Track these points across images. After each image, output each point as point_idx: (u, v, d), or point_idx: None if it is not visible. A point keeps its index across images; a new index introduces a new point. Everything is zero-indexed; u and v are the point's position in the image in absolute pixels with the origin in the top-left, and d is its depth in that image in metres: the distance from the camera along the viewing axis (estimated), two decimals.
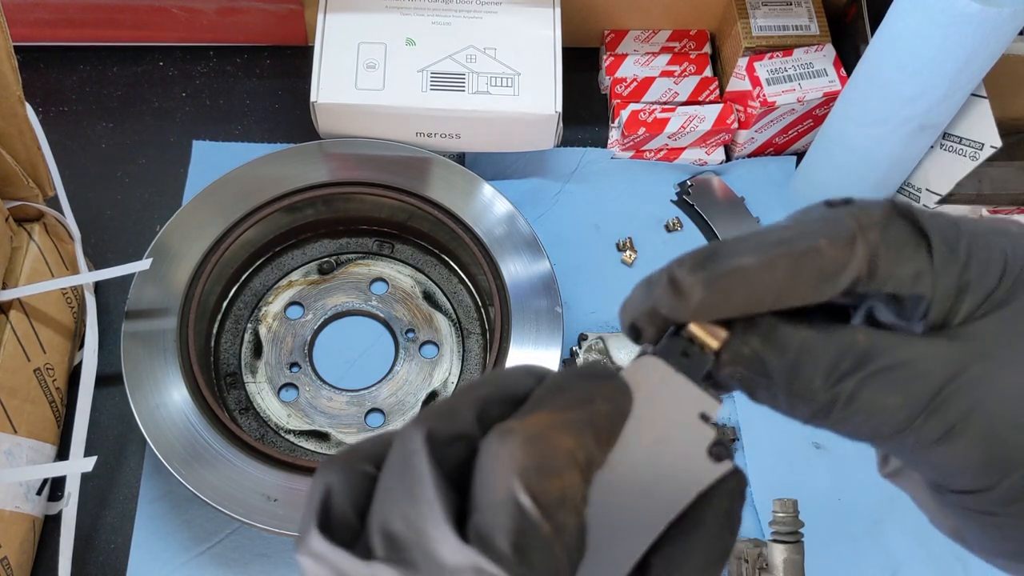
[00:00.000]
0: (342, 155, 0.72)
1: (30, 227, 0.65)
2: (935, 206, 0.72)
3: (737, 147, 0.81)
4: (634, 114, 0.78)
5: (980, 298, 0.25)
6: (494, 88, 0.71)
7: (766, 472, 0.69)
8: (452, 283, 0.74)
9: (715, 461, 0.26)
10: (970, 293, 0.25)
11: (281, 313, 0.72)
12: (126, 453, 0.68)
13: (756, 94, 0.75)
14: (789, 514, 0.61)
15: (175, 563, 0.64)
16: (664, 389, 0.27)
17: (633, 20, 0.83)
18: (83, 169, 0.78)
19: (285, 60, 0.84)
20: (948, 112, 0.65)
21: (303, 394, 0.69)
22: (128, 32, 0.81)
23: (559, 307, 0.67)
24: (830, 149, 0.73)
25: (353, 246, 0.75)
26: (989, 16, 0.56)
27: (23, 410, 0.60)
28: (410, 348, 0.71)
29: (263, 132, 0.81)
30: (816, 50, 0.76)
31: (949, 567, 0.67)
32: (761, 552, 0.62)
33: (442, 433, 0.22)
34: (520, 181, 0.79)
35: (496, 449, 0.22)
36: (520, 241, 0.69)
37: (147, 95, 0.82)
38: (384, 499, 0.22)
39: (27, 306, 0.62)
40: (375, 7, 0.73)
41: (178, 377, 0.62)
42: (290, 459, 0.60)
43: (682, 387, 0.27)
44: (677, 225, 0.79)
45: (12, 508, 0.58)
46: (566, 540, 0.21)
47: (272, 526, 0.58)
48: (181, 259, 0.67)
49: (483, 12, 0.74)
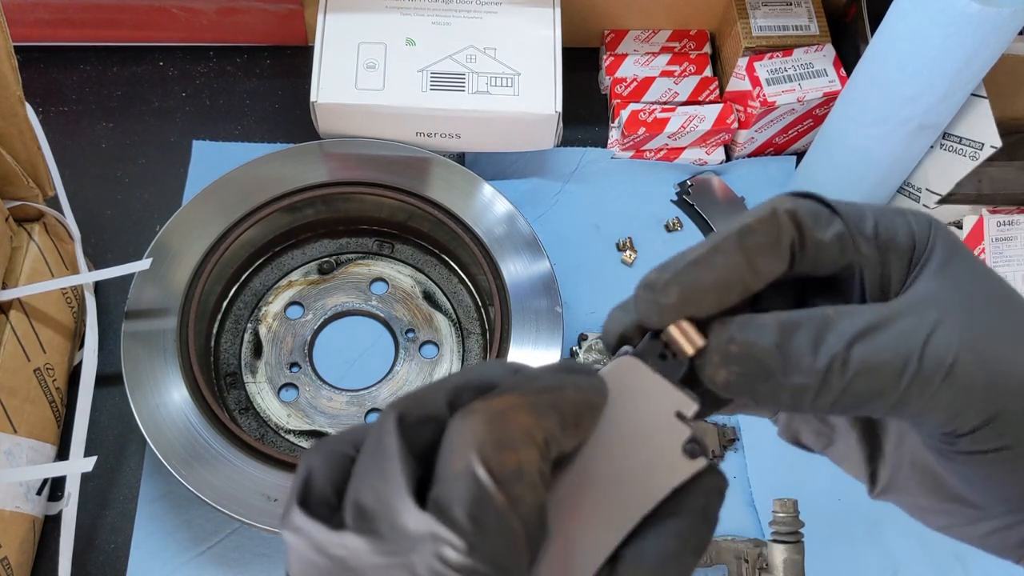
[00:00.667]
0: (342, 155, 0.72)
1: (30, 227, 0.65)
2: (935, 206, 0.72)
3: (737, 147, 0.81)
4: (634, 114, 0.78)
5: (904, 262, 0.27)
6: (494, 88, 0.71)
7: (766, 472, 0.69)
8: (452, 283, 0.74)
9: (690, 458, 0.27)
10: (893, 257, 0.27)
11: (281, 313, 0.72)
12: (126, 453, 0.68)
13: (756, 94, 0.75)
14: (789, 514, 0.61)
15: (175, 563, 0.64)
16: (641, 388, 0.28)
17: (633, 20, 0.83)
18: (83, 169, 0.78)
19: (285, 60, 0.84)
20: (948, 112, 0.65)
21: (303, 394, 0.69)
22: (128, 32, 0.81)
23: (559, 307, 0.67)
24: (830, 149, 0.73)
25: (353, 246, 0.75)
26: (989, 16, 0.56)
27: (23, 410, 0.60)
28: (410, 348, 0.71)
29: (263, 132, 0.81)
30: (816, 50, 0.76)
31: (949, 567, 0.67)
32: (761, 552, 0.62)
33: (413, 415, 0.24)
34: (520, 181, 0.79)
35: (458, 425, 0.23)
36: (520, 241, 0.69)
37: (147, 95, 0.82)
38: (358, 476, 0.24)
39: (27, 306, 0.62)
40: (375, 7, 0.73)
41: (178, 377, 0.62)
42: (290, 459, 0.60)
43: (659, 386, 0.28)
44: (677, 225, 0.79)
45: (12, 508, 0.58)
46: (522, 513, 0.23)
47: (272, 526, 0.58)
48: (181, 259, 0.67)
49: (483, 12, 0.74)
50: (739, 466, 0.70)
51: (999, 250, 0.72)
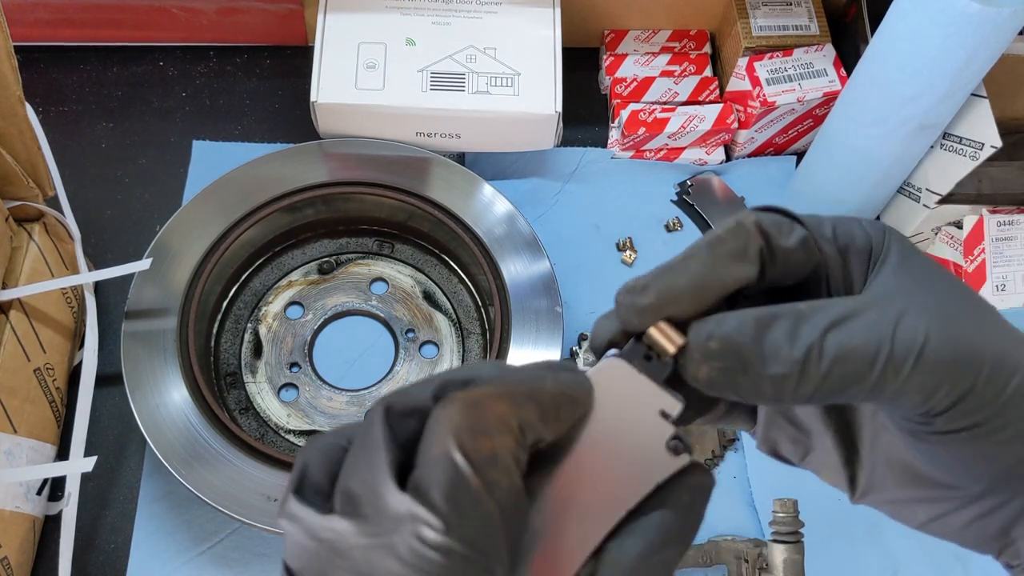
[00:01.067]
0: (342, 155, 0.72)
1: (30, 227, 0.65)
2: (935, 206, 0.72)
3: (737, 147, 0.81)
4: (634, 114, 0.78)
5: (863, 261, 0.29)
6: (494, 88, 0.71)
7: (766, 472, 0.69)
8: (452, 283, 0.74)
9: (673, 455, 0.28)
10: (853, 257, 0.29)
11: (281, 313, 0.72)
12: (126, 453, 0.68)
13: (756, 94, 0.75)
14: (789, 514, 0.61)
15: (175, 563, 0.64)
16: (627, 389, 0.28)
17: (633, 20, 0.83)
18: (83, 169, 0.78)
19: (285, 60, 0.84)
20: (948, 112, 0.65)
21: (303, 394, 0.69)
22: (128, 32, 0.81)
23: (559, 307, 0.67)
24: (830, 149, 0.73)
25: (353, 246, 0.75)
26: (989, 16, 0.56)
27: (23, 410, 0.60)
28: (410, 348, 0.71)
29: (263, 132, 0.81)
30: (816, 50, 0.76)
31: (949, 567, 0.67)
32: (761, 552, 0.62)
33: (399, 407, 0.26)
34: (520, 181, 0.79)
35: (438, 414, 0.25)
36: (520, 241, 0.69)
37: (147, 95, 0.82)
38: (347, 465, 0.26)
39: (27, 306, 0.62)
40: (375, 7, 0.73)
41: (178, 377, 0.62)
42: (290, 459, 0.60)
43: (644, 387, 0.28)
44: (677, 225, 0.79)
45: (12, 508, 0.58)
46: (498, 496, 0.24)
47: (272, 526, 0.58)
48: (181, 259, 0.67)
49: (483, 12, 0.74)
50: (739, 466, 0.70)
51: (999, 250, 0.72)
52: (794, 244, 0.28)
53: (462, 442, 0.24)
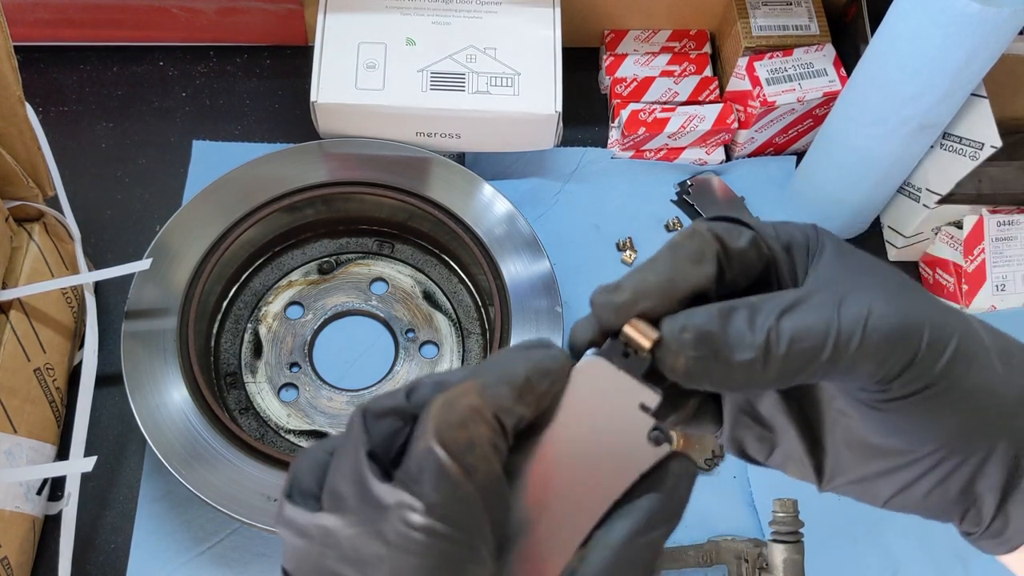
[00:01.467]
0: (342, 155, 0.72)
1: (30, 227, 0.65)
2: (935, 206, 0.72)
3: (737, 147, 0.81)
4: (634, 114, 0.78)
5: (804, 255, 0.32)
6: (494, 88, 0.71)
7: (766, 472, 0.68)
8: (452, 283, 0.74)
9: (655, 445, 0.29)
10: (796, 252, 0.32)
11: (281, 313, 0.72)
12: (126, 453, 0.68)
13: (756, 94, 0.75)
14: (789, 514, 0.61)
15: (175, 563, 0.64)
16: (607, 385, 0.30)
17: (633, 20, 0.83)
18: (83, 169, 0.78)
19: (285, 60, 0.84)
20: (948, 112, 0.65)
21: (303, 394, 0.69)
22: (128, 32, 0.81)
23: (559, 307, 0.67)
24: (830, 149, 0.73)
25: (353, 246, 0.75)
26: (989, 16, 0.56)
27: (23, 410, 0.60)
28: (410, 348, 0.71)
29: (263, 132, 0.81)
30: (816, 50, 0.76)
31: (949, 567, 0.67)
32: (761, 552, 0.63)
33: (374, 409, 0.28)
34: (520, 181, 0.79)
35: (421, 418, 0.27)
36: (520, 241, 0.69)
37: (147, 95, 0.82)
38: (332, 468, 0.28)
39: (27, 306, 0.62)
40: (375, 7, 0.73)
41: (178, 377, 0.62)
42: (290, 459, 0.60)
43: (623, 382, 0.30)
44: (677, 225, 0.79)
45: (12, 508, 0.58)
46: (477, 479, 0.26)
47: (272, 526, 0.58)
48: (181, 259, 0.67)
49: (483, 12, 0.74)
50: (739, 466, 0.70)
51: (999, 250, 0.73)
52: (745, 244, 0.31)
53: (441, 435, 0.26)
